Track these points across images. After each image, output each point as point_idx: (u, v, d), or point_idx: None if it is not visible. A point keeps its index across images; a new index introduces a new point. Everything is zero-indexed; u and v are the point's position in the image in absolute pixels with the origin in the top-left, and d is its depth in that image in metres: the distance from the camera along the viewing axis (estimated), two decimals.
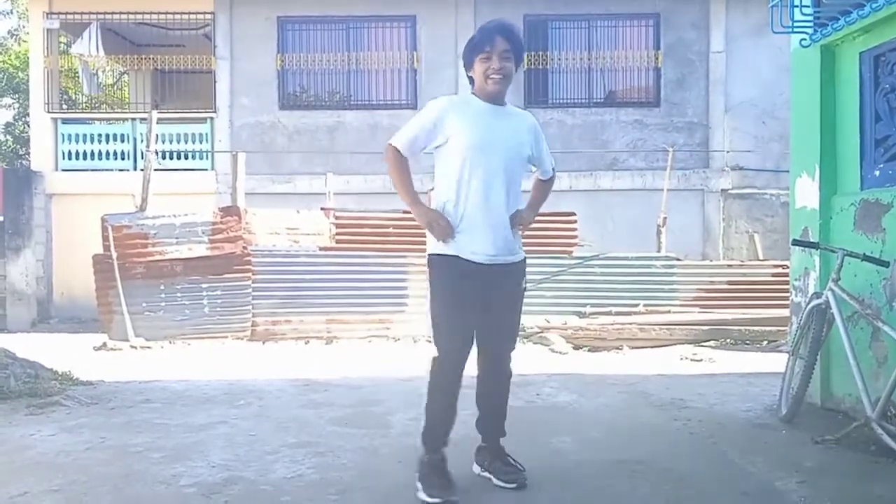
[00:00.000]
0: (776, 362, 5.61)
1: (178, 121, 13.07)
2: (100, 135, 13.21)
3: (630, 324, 8.20)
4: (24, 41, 20.60)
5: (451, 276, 2.96)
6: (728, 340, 8.10)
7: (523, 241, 3.17)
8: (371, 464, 3.40)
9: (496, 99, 3.04)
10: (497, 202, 2.99)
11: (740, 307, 8.74)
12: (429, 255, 3.05)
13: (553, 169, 3.27)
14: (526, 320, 8.32)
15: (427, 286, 3.09)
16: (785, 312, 6.63)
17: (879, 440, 3.34)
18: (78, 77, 14.15)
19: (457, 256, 2.95)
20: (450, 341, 2.96)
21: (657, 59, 12.82)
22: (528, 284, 3.17)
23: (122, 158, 13.07)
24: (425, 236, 3.07)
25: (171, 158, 12.86)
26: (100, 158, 13.06)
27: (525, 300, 3.16)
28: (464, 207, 2.97)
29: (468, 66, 3.07)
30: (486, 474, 3.09)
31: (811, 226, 4.42)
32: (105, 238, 8.51)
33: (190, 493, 3.01)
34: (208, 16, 13.00)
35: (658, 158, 12.39)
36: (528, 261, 3.14)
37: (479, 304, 2.98)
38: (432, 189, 3.10)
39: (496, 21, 3.07)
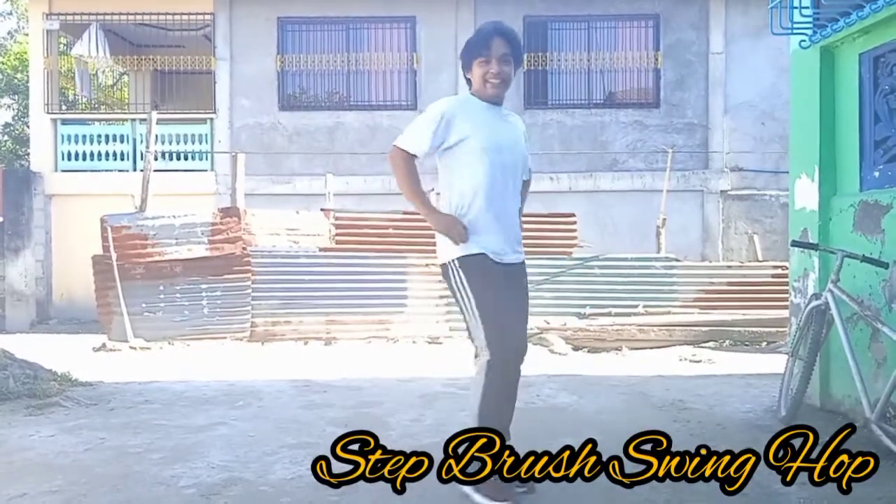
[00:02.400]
0: (775, 363, 5.62)
1: (177, 121, 13.08)
2: (99, 135, 13.21)
3: (629, 325, 8.21)
4: (20, 42, 20.59)
5: (489, 272, 2.93)
6: (727, 341, 8.11)
7: (523, 241, 3.18)
8: None
9: (495, 101, 3.06)
10: (509, 203, 3.03)
11: (740, 308, 8.76)
12: (454, 259, 2.95)
13: (530, 170, 3.26)
14: None
15: (428, 288, 3.07)
16: (784, 313, 6.64)
17: (879, 442, 3.34)
18: (75, 79, 14.15)
19: (485, 254, 2.93)
20: (511, 338, 2.89)
21: (657, 60, 12.83)
22: (528, 285, 3.17)
23: (122, 159, 13.07)
24: (426, 237, 3.05)
25: (171, 159, 12.85)
26: (99, 159, 13.06)
27: None
28: (481, 209, 2.95)
29: (466, 67, 3.07)
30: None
31: (810, 227, 4.43)
32: (104, 239, 8.51)
33: (189, 494, 3.01)
34: (208, 16, 13.00)
35: (658, 159, 12.40)
36: (527, 262, 3.15)
37: None
38: (432, 190, 3.07)
39: (493, 23, 3.07)
